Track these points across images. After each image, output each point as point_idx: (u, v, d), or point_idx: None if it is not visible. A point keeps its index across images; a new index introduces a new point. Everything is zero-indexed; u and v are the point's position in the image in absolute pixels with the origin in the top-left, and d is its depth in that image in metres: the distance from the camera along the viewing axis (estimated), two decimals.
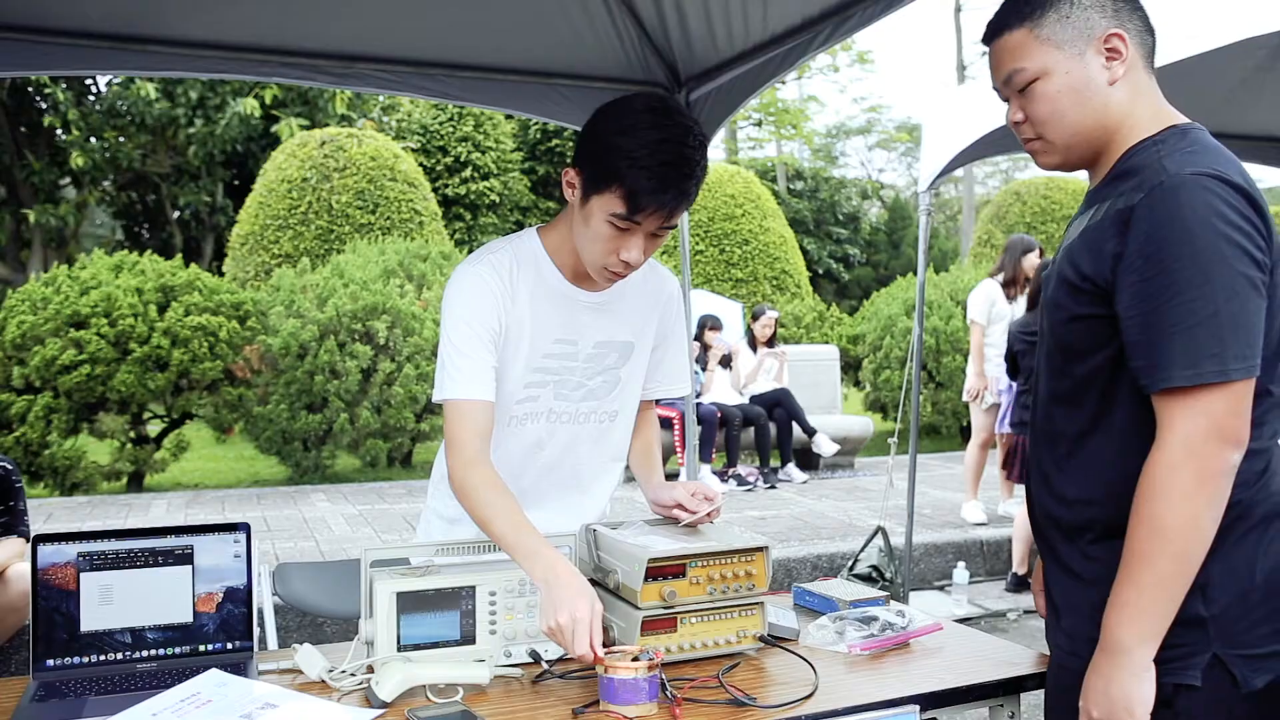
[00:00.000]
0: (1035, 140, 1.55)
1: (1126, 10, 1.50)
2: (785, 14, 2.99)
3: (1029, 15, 1.50)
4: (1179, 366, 1.31)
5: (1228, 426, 1.31)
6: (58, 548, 1.74)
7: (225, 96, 14.76)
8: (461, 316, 1.86)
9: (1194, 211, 1.32)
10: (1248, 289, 1.31)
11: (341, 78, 3.29)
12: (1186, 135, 1.44)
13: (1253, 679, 1.37)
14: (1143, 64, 1.50)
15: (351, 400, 8.43)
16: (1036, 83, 1.50)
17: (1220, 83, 4.18)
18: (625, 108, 1.77)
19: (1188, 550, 1.33)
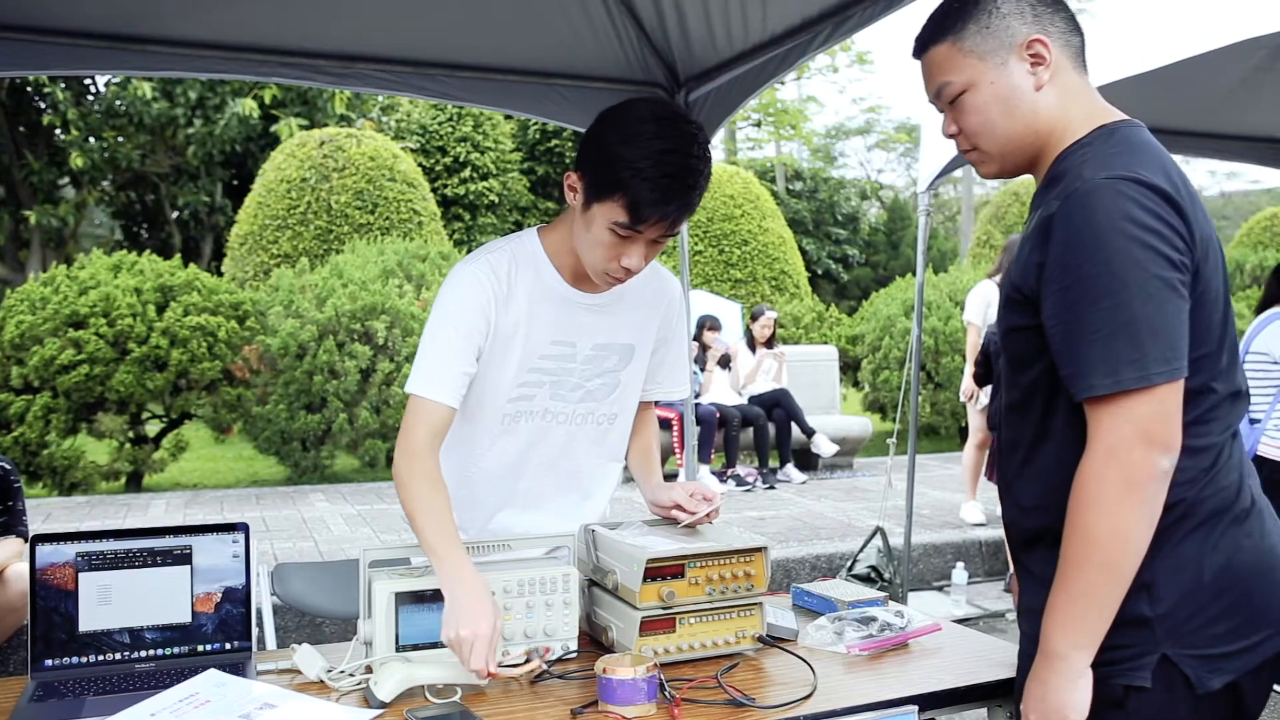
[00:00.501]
0: (972, 151, 1.56)
1: (1048, 14, 1.49)
2: (785, 14, 2.99)
3: (951, 29, 1.51)
4: (1100, 374, 1.30)
5: (1154, 431, 1.30)
6: (56, 548, 1.74)
7: (224, 96, 14.75)
8: (448, 315, 1.87)
9: (1106, 217, 1.31)
10: (1164, 291, 1.30)
11: (341, 78, 3.29)
12: (1113, 135, 1.43)
13: (1208, 680, 1.35)
14: (1071, 65, 1.50)
15: (350, 400, 8.42)
16: (964, 95, 1.51)
17: (1220, 83, 4.18)
18: (629, 115, 1.75)
19: (1117, 559, 1.32)
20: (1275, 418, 4.25)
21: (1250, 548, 1.39)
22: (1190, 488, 1.37)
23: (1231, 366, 1.42)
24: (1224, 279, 1.42)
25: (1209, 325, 1.38)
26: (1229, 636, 1.37)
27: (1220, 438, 1.39)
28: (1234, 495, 1.40)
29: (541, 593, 1.78)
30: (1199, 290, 1.35)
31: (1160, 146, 1.43)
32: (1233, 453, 1.42)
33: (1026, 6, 1.48)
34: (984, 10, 1.48)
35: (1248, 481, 1.43)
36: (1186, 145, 4.93)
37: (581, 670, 1.72)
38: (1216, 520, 1.38)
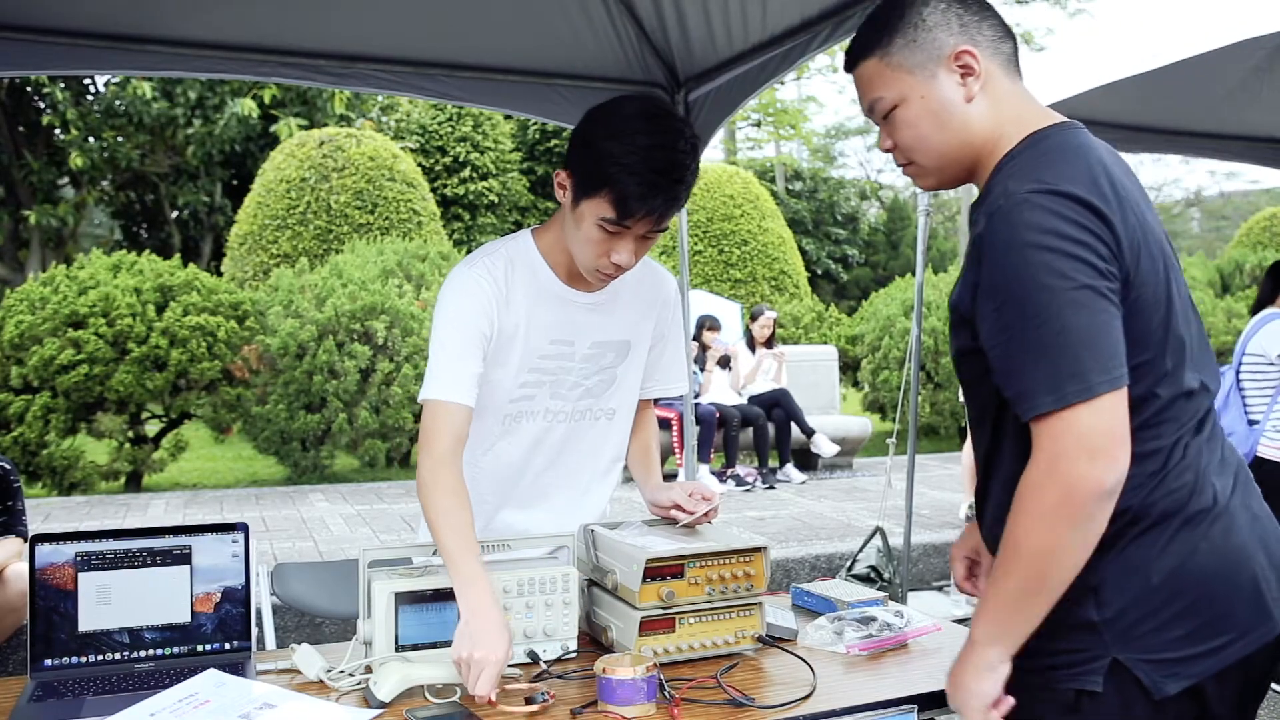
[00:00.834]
0: (909, 165, 1.54)
1: (975, 22, 1.46)
2: (784, 15, 2.99)
3: (878, 44, 1.49)
4: (1043, 392, 1.27)
5: (1099, 445, 1.26)
6: (56, 547, 1.74)
7: (224, 96, 14.76)
8: (452, 320, 1.87)
9: (1028, 232, 1.28)
10: (1095, 300, 1.27)
11: (340, 78, 3.29)
12: (1041, 143, 1.41)
13: (1164, 685, 1.31)
14: (1002, 73, 1.47)
15: (350, 400, 8.42)
16: (896, 110, 1.49)
17: (1220, 83, 4.18)
18: (616, 111, 1.77)
19: (1042, 574, 1.30)
20: (1274, 418, 4.25)
21: (1208, 550, 1.34)
22: (1137, 493, 1.33)
23: (1179, 368, 1.37)
24: (1167, 280, 1.38)
25: (1147, 330, 1.34)
26: (1186, 640, 1.33)
27: (1167, 440, 1.35)
28: (1187, 497, 1.35)
29: (541, 593, 1.78)
30: (1132, 297, 1.32)
31: (1094, 148, 1.40)
32: (1186, 454, 1.37)
33: (953, 17, 1.46)
34: (909, 24, 1.46)
35: (1211, 481, 1.37)
36: (1186, 145, 4.94)
37: (581, 670, 1.72)
38: (1166, 523, 1.34)
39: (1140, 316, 1.33)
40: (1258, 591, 1.36)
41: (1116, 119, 4.65)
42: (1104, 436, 1.26)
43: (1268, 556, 1.39)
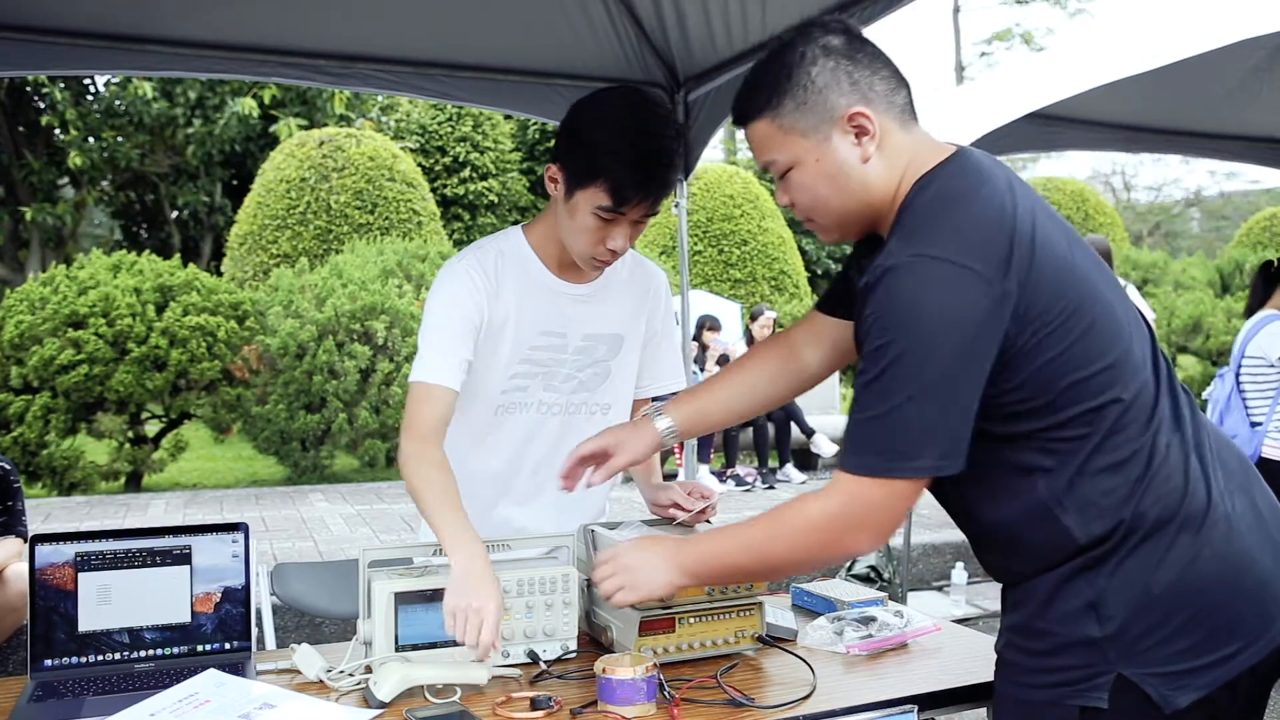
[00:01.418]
0: (810, 221, 1.53)
1: (866, 77, 1.42)
2: (784, 14, 2.99)
3: (767, 105, 1.44)
4: (851, 452, 1.33)
5: (875, 521, 1.34)
6: (55, 548, 1.74)
7: (224, 96, 14.75)
8: (441, 307, 1.92)
9: (899, 302, 1.28)
10: (946, 385, 1.27)
11: (340, 77, 3.29)
12: (925, 191, 1.38)
13: (1174, 698, 1.29)
14: (898, 126, 1.43)
15: (350, 400, 8.42)
16: (791, 172, 1.46)
17: (1220, 83, 4.18)
18: (602, 103, 1.82)
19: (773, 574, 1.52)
20: (1276, 420, 4.25)
21: (1209, 556, 1.32)
22: (1128, 504, 1.32)
23: (1133, 369, 1.36)
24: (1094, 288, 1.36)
25: (1107, 342, 1.34)
26: (1194, 651, 1.30)
27: (1142, 441, 1.34)
28: (1178, 501, 1.33)
29: (541, 593, 1.78)
30: (1081, 327, 1.31)
31: (982, 188, 1.36)
32: (1169, 454, 1.35)
33: (843, 76, 1.41)
34: (798, 85, 1.41)
35: (1203, 482, 1.35)
36: (1186, 145, 4.94)
37: (581, 670, 1.72)
38: (1162, 532, 1.32)
39: (1094, 335, 1.33)
40: (1265, 595, 1.34)
41: (1116, 119, 4.66)
42: (884, 514, 1.35)
43: (1274, 556, 1.36)
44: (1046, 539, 1.36)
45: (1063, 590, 1.35)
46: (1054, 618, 1.36)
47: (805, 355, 1.79)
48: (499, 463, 2.03)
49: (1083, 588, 1.33)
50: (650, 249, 13.83)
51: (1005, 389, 1.32)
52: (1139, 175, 35.72)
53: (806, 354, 1.79)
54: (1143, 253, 14.21)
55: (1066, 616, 1.34)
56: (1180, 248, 28.82)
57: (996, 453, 1.37)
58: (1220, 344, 10.55)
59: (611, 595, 1.56)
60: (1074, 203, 16.06)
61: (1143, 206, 31.20)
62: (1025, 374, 1.31)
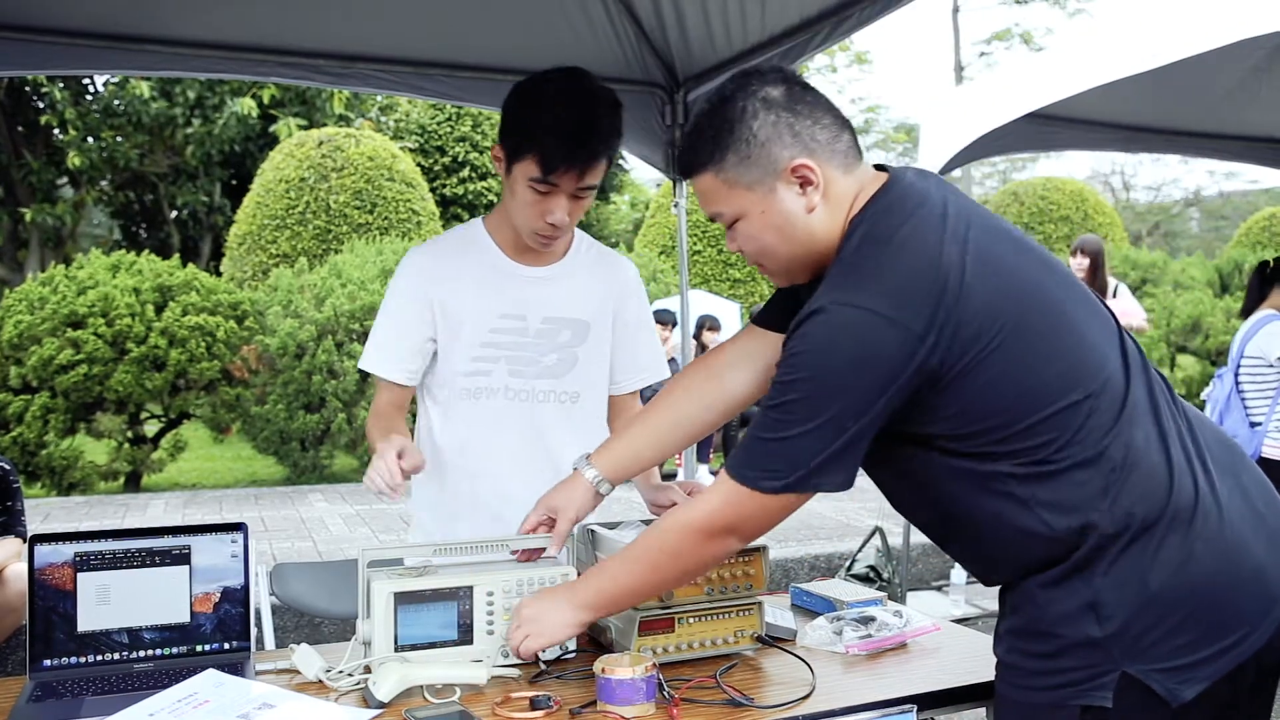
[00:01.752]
0: (760, 267, 1.56)
1: (808, 128, 1.43)
2: (783, 14, 2.99)
3: (711, 159, 1.46)
4: (737, 462, 1.42)
5: (744, 527, 1.46)
6: (55, 548, 1.74)
7: (223, 96, 14.75)
8: (390, 295, 2.09)
9: (819, 346, 1.34)
10: (840, 426, 1.33)
11: (340, 77, 3.29)
12: (854, 234, 1.41)
13: (1180, 691, 1.30)
14: (840, 172, 1.45)
15: (349, 400, 8.42)
16: (738, 223, 1.49)
17: (1220, 83, 4.18)
18: (537, 80, 1.90)
19: (660, 584, 1.58)
20: (1276, 420, 4.25)
21: (1204, 551, 1.32)
22: (1103, 499, 1.32)
23: (1093, 366, 1.36)
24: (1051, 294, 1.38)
25: (1059, 345, 1.35)
26: (1197, 644, 1.31)
27: (1111, 435, 1.34)
28: (1165, 496, 1.33)
29: None
30: (1025, 339, 1.33)
31: (916, 217, 1.38)
32: (1148, 447, 1.34)
33: (784, 128, 1.42)
34: (740, 139, 1.43)
35: (1188, 474, 1.35)
36: (1186, 145, 4.94)
37: (580, 670, 1.72)
38: (1152, 529, 1.32)
39: (1046, 350, 1.34)
40: (1262, 580, 1.35)
41: (1116, 119, 4.66)
42: (752, 523, 1.45)
43: (1267, 539, 1.37)
44: (1023, 540, 1.37)
45: (1058, 593, 1.36)
46: (1053, 620, 1.36)
47: (733, 377, 1.77)
48: (474, 453, 2.08)
49: (1078, 588, 1.33)
50: (650, 249, 13.83)
51: (954, 413, 1.35)
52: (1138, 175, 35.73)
53: (734, 375, 1.77)
54: (1142, 252, 14.20)
55: (1066, 618, 1.34)
56: (1179, 247, 28.81)
57: (963, 466, 1.38)
58: (1219, 344, 10.55)
59: (518, 646, 1.63)
60: (1073, 203, 16.06)
61: (1142, 206, 31.21)
62: (971, 396, 1.34)
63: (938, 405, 1.35)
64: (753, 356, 1.77)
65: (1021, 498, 1.35)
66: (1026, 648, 1.40)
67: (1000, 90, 4.19)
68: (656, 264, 12.00)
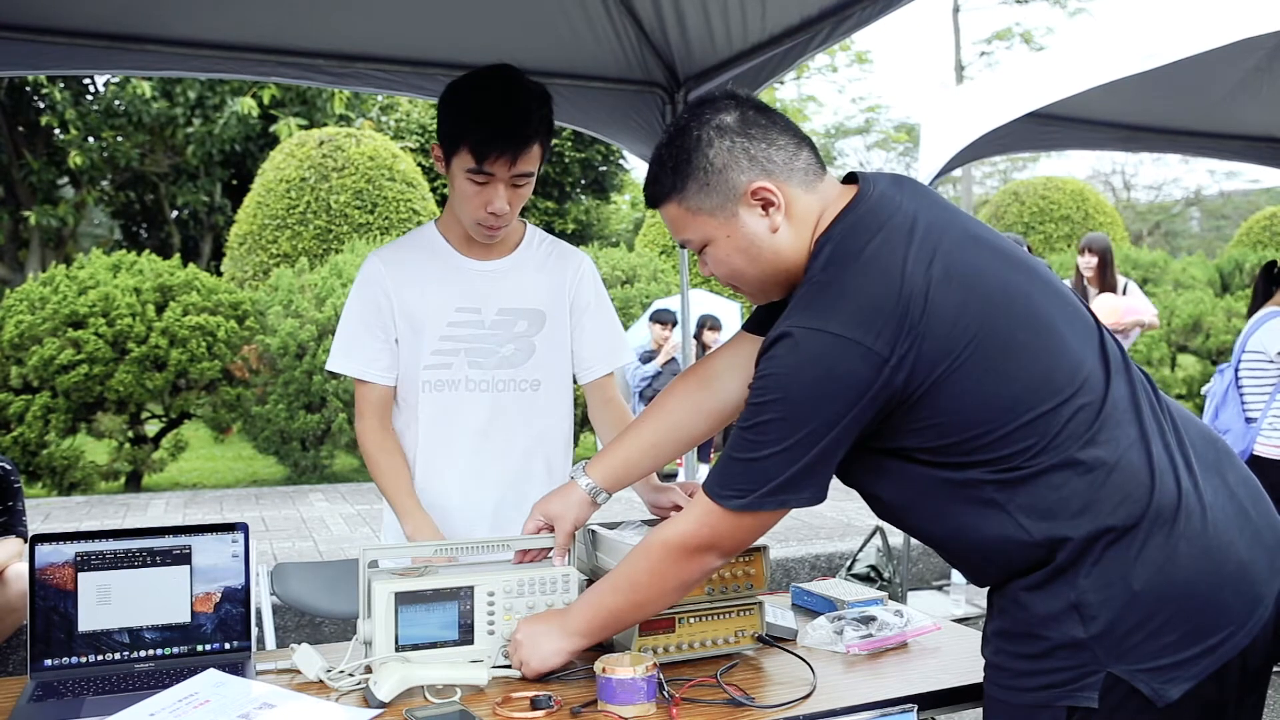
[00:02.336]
0: (735, 289, 1.58)
1: (763, 150, 1.46)
2: (784, 14, 2.99)
3: (673, 189, 1.49)
4: (713, 481, 1.45)
5: (722, 544, 1.49)
6: (55, 547, 1.74)
7: (224, 96, 14.75)
8: (354, 298, 2.16)
9: (787, 370, 1.36)
10: (810, 446, 1.36)
11: (340, 77, 3.29)
12: (820, 255, 1.42)
13: (1166, 691, 1.30)
14: (802, 190, 1.47)
15: (350, 400, 8.40)
16: (706, 248, 1.52)
17: (1220, 83, 4.18)
18: (466, 79, 1.98)
19: (644, 604, 1.59)
20: (1271, 416, 4.25)
21: (1187, 551, 1.32)
22: (1084, 500, 1.32)
23: (1070, 368, 1.37)
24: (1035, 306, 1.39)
25: (1033, 352, 1.36)
26: (1182, 644, 1.31)
27: (1089, 435, 1.34)
28: (1147, 496, 1.33)
29: (541, 593, 1.78)
30: (996, 348, 1.34)
31: (881, 234, 1.39)
32: (1130, 448, 1.35)
33: (740, 154, 1.45)
34: (698, 168, 1.46)
35: (1171, 474, 1.35)
36: (1186, 145, 4.94)
37: (581, 670, 1.72)
38: (1135, 529, 1.32)
39: (1017, 364, 1.35)
40: (1245, 578, 1.35)
41: (1116, 118, 4.66)
42: (729, 539, 1.48)
43: (1252, 536, 1.37)
44: (1004, 545, 1.38)
45: (1041, 594, 1.36)
46: (1038, 621, 1.36)
47: (724, 384, 1.78)
48: (439, 443, 2.13)
49: (1062, 590, 1.34)
50: (650, 249, 13.83)
51: (926, 426, 1.37)
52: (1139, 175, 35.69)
53: (725, 383, 1.78)
54: (1142, 252, 14.19)
55: (1050, 619, 1.35)
56: (1180, 247, 28.81)
57: (941, 476, 1.40)
58: (1220, 343, 10.55)
59: (519, 668, 1.68)
60: (1074, 202, 16.05)
61: (1143, 206, 31.19)
62: (943, 408, 1.35)
63: (909, 419, 1.37)
64: (744, 364, 1.77)
65: (1000, 503, 1.36)
66: (1013, 649, 1.41)
67: (1000, 90, 4.19)
68: (657, 264, 12.00)
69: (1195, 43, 3.34)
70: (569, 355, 2.23)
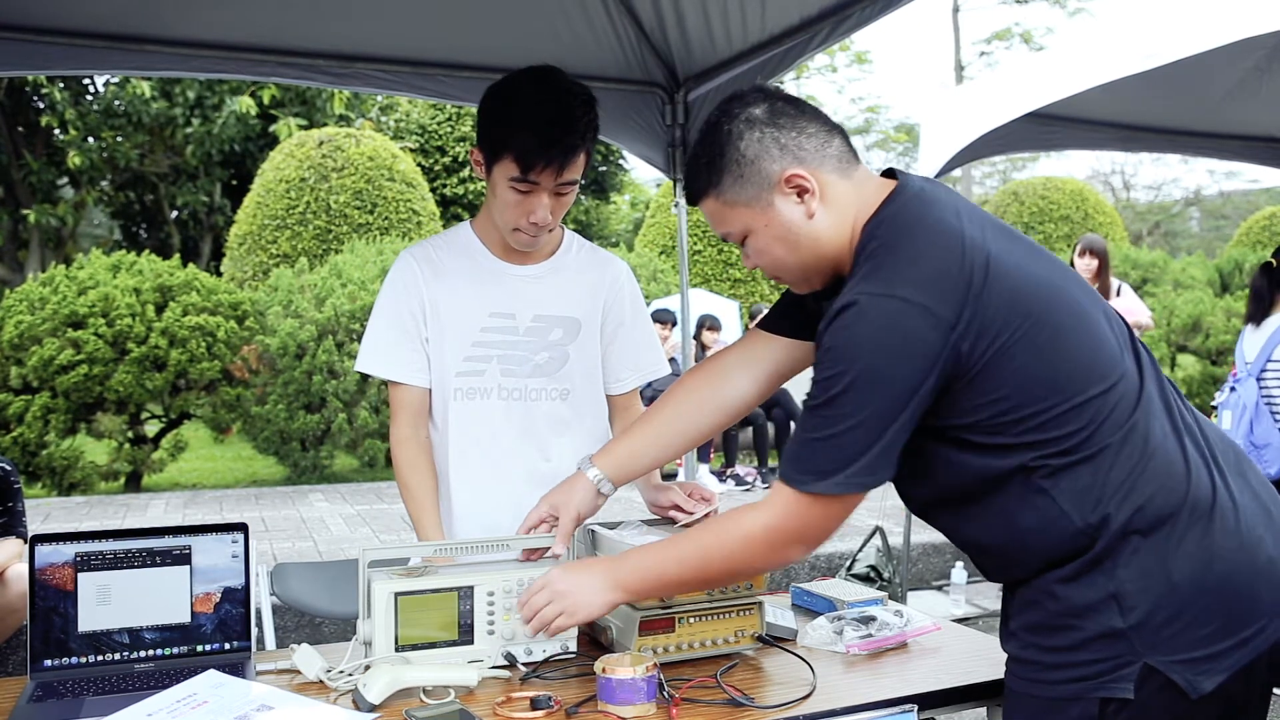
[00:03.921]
0: (778, 279, 1.59)
1: (793, 139, 1.48)
2: (783, 14, 2.99)
3: (710, 185, 1.52)
4: (788, 467, 1.43)
5: (809, 533, 1.45)
6: (55, 548, 1.74)
7: (223, 96, 14.75)
8: (386, 296, 2.08)
9: (849, 337, 1.36)
10: (887, 415, 1.35)
11: (339, 77, 3.29)
12: (875, 235, 1.43)
13: (1200, 683, 1.32)
14: (836, 176, 1.49)
15: (349, 400, 8.42)
16: (747, 240, 1.54)
17: (1220, 83, 4.18)
18: (509, 82, 1.91)
19: (709, 583, 1.60)
20: None
21: (1223, 544, 1.35)
22: (1124, 488, 1.35)
23: (1110, 362, 1.39)
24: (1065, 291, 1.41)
25: (1076, 341, 1.38)
26: (1217, 636, 1.34)
27: (1129, 426, 1.37)
28: (1184, 488, 1.36)
29: None
30: (1046, 334, 1.36)
31: (934, 213, 1.41)
32: (1165, 441, 1.38)
33: (770, 143, 1.47)
34: (731, 161, 1.49)
35: (1204, 469, 1.39)
36: (1186, 145, 4.94)
37: (580, 670, 1.72)
38: (1173, 521, 1.35)
39: (1061, 347, 1.37)
40: (1276, 572, 1.37)
41: (1116, 118, 4.66)
42: (815, 529, 1.44)
43: (1277, 534, 1.40)
44: (1044, 533, 1.39)
45: (1078, 585, 1.38)
46: (1074, 613, 1.38)
47: (735, 381, 1.79)
48: (471, 458, 2.07)
49: (1100, 580, 1.36)
50: (650, 249, 13.83)
51: (979, 403, 1.37)
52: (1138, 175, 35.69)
53: (736, 380, 1.79)
54: (1142, 252, 14.20)
55: (1087, 610, 1.36)
56: (1180, 247, 28.79)
57: (986, 459, 1.40)
58: (1220, 343, 10.54)
59: (550, 623, 1.60)
60: (1073, 202, 16.05)
61: (1142, 206, 31.19)
62: (994, 385, 1.36)
63: (968, 395, 1.37)
64: (756, 361, 1.79)
65: (1046, 490, 1.38)
66: (1043, 642, 1.42)
67: (1000, 90, 4.19)
68: (656, 264, 12.00)
69: (1195, 43, 3.34)
70: (600, 365, 2.17)
